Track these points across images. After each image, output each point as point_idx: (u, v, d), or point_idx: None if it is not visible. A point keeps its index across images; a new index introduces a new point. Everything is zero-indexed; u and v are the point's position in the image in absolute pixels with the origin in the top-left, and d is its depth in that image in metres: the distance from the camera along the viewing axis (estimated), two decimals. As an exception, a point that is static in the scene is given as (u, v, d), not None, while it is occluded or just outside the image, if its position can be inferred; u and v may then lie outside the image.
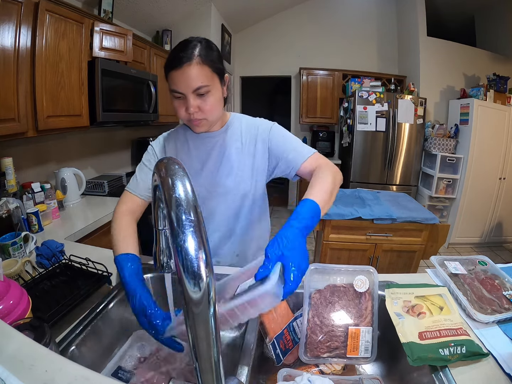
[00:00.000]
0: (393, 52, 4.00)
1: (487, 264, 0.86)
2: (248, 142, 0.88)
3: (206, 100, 0.74)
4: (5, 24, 1.20)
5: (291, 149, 0.84)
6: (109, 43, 1.83)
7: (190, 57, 0.70)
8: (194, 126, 0.79)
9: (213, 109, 0.77)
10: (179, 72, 0.71)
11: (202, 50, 0.72)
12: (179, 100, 0.75)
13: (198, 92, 0.73)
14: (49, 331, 0.49)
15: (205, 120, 0.78)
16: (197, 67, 0.71)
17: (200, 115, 0.76)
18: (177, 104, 0.76)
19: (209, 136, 0.88)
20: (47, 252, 0.96)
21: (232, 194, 0.88)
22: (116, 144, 2.61)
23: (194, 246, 0.29)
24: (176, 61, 0.71)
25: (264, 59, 4.14)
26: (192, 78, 0.71)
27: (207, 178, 0.89)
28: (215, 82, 0.75)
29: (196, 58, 0.71)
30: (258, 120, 0.91)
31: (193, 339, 0.30)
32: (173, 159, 0.38)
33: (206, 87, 0.73)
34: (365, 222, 1.78)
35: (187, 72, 0.70)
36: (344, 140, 3.61)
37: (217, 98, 0.77)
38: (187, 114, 0.75)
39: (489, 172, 3.10)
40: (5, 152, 1.47)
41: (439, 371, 0.57)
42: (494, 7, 3.44)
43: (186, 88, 0.72)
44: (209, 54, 0.74)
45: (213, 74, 0.75)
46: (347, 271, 0.73)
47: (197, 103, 0.74)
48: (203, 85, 0.72)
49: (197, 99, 0.74)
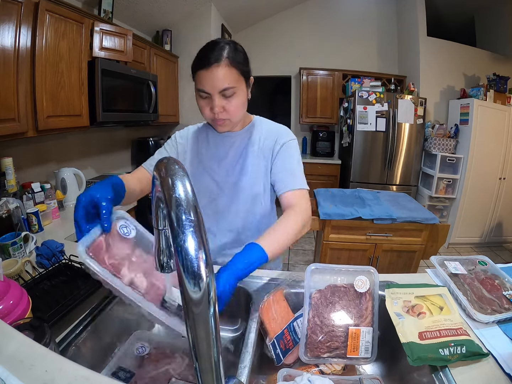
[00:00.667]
0: (393, 52, 4.00)
1: (487, 264, 0.86)
2: (264, 148, 0.89)
3: (231, 101, 0.76)
4: (5, 24, 1.20)
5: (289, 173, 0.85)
6: (109, 43, 1.83)
7: (219, 58, 0.72)
8: (217, 125, 0.81)
9: (237, 111, 0.79)
10: (207, 72, 0.72)
11: (231, 52, 0.74)
12: (204, 99, 0.76)
13: (224, 93, 0.74)
14: (49, 331, 0.49)
15: (228, 120, 0.79)
16: (225, 68, 0.72)
17: (224, 115, 0.77)
18: (202, 103, 0.77)
19: (229, 136, 0.89)
20: (47, 252, 0.96)
21: (245, 194, 0.89)
22: (116, 144, 2.61)
23: (194, 246, 0.29)
24: (205, 61, 0.72)
25: (264, 59, 4.14)
26: (219, 79, 0.72)
27: (221, 176, 0.90)
28: (241, 84, 0.77)
29: (225, 59, 0.72)
30: (280, 128, 0.92)
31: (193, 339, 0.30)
32: (173, 159, 0.38)
33: (232, 89, 0.74)
34: (365, 222, 1.78)
35: (215, 73, 0.72)
36: (344, 140, 3.61)
37: (242, 100, 0.79)
38: (211, 113, 0.77)
39: (489, 172, 3.10)
40: (5, 152, 1.47)
41: (439, 371, 0.57)
42: (494, 7, 3.44)
43: (212, 88, 0.73)
44: (237, 56, 0.75)
45: (240, 77, 0.76)
46: (347, 271, 0.73)
47: (222, 103, 0.75)
48: (230, 86, 0.74)
49: (222, 100, 0.75)
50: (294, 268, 2.78)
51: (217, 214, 0.92)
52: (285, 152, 0.88)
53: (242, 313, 0.84)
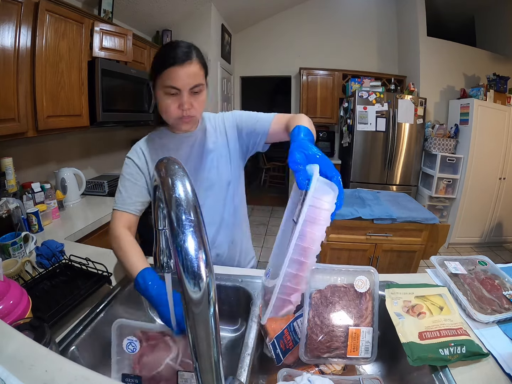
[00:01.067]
0: (393, 52, 4.00)
1: (487, 264, 0.86)
2: (220, 134, 0.93)
3: (198, 98, 0.79)
4: (5, 24, 1.20)
5: (255, 120, 0.90)
6: (109, 43, 1.83)
7: (191, 56, 0.75)
8: (183, 123, 0.82)
9: (202, 107, 0.82)
10: (179, 69, 0.73)
11: (197, 52, 0.78)
12: (171, 96, 0.77)
13: (194, 90, 0.77)
14: (49, 331, 0.49)
15: (194, 117, 0.82)
16: (197, 66, 0.76)
17: (192, 112, 0.79)
18: (168, 101, 0.77)
19: (188, 136, 0.90)
20: (47, 252, 0.96)
21: (218, 186, 0.92)
22: (116, 144, 2.61)
23: (194, 246, 0.29)
24: (177, 58, 0.73)
25: (264, 59, 4.14)
26: (192, 76, 0.75)
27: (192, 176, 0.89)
28: (205, 83, 0.81)
29: (195, 58, 0.75)
30: (220, 113, 0.97)
31: (193, 339, 0.30)
32: (173, 159, 0.38)
33: (201, 86, 0.78)
34: (365, 222, 1.78)
35: (188, 70, 0.74)
36: (344, 140, 3.61)
37: (205, 98, 0.82)
38: (179, 110, 0.78)
39: (489, 172, 3.10)
40: (5, 152, 1.47)
41: (439, 371, 0.57)
42: (494, 7, 3.44)
43: (185, 84, 0.74)
44: (202, 57, 0.79)
45: (204, 76, 0.80)
46: (347, 271, 0.73)
47: (191, 100, 0.77)
48: (200, 83, 0.77)
49: (191, 97, 0.77)
50: (294, 268, 2.78)
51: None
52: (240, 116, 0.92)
53: (242, 313, 0.84)
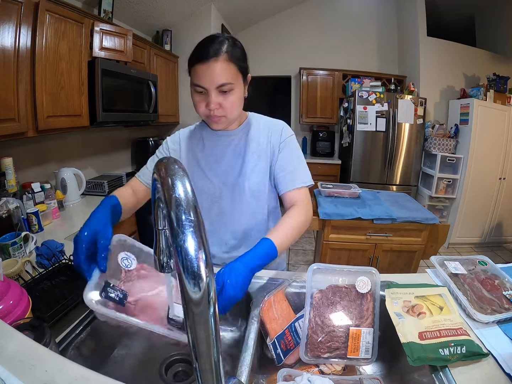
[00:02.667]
0: (393, 52, 4.00)
1: (487, 264, 0.86)
2: (265, 144, 0.87)
3: (228, 97, 0.73)
4: (5, 24, 1.19)
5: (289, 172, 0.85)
6: (109, 43, 1.83)
7: (218, 52, 0.70)
8: (212, 122, 0.78)
9: (234, 108, 0.76)
10: (204, 66, 0.70)
11: (229, 47, 0.71)
12: (200, 95, 0.74)
13: (222, 89, 0.72)
14: (49, 331, 0.49)
15: (224, 117, 0.77)
16: (224, 63, 0.70)
17: (221, 112, 0.75)
18: (197, 99, 0.75)
19: (225, 135, 0.87)
20: (47, 252, 0.96)
21: (248, 194, 0.87)
22: (116, 144, 2.61)
23: (194, 246, 0.29)
24: (203, 55, 0.70)
25: (264, 59, 4.13)
26: (217, 74, 0.70)
27: (221, 177, 0.88)
28: (238, 80, 0.75)
29: (224, 54, 0.70)
30: (277, 123, 0.90)
31: (193, 339, 0.30)
32: (173, 159, 0.38)
33: (230, 85, 0.72)
34: (365, 222, 1.78)
35: (213, 67, 0.69)
36: (344, 140, 3.61)
37: (239, 97, 0.77)
38: (206, 109, 0.74)
39: (489, 172, 3.10)
40: (5, 152, 1.47)
41: (439, 371, 0.57)
42: (494, 7, 3.44)
43: (210, 83, 0.71)
44: (236, 51, 0.73)
45: (238, 73, 0.74)
46: (349, 271, 0.72)
47: (219, 99, 0.73)
48: (228, 82, 0.71)
49: (219, 96, 0.73)
50: (294, 268, 2.78)
51: (221, 217, 0.90)
52: (285, 150, 0.86)
53: (242, 313, 0.84)
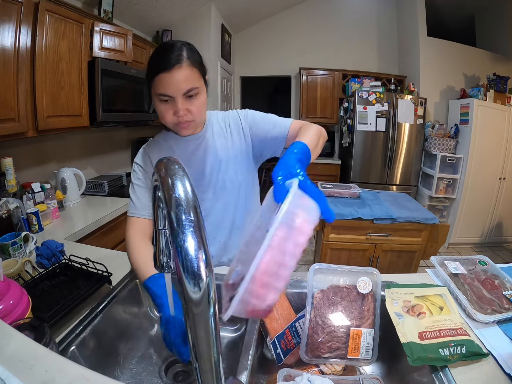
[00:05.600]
0: (393, 52, 3.99)
1: (487, 264, 0.86)
2: (230, 135, 0.89)
3: (194, 102, 0.74)
4: (5, 24, 1.19)
5: (271, 127, 0.85)
6: (109, 43, 1.83)
7: (180, 59, 0.69)
8: (181, 129, 0.78)
9: (201, 111, 0.77)
10: (168, 75, 0.69)
11: (189, 53, 0.72)
12: (165, 104, 0.73)
13: (188, 95, 0.72)
14: (49, 331, 0.49)
15: (193, 122, 0.77)
16: (187, 69, 0.70)
17: (189, 117, 0.75)
18: (163, 108, 0.74)
19: (193, 139, 0.87)
20: (47, 252, 0.96)
21: (227, 188, 0.89)
22: (116, 144, 2.61)
23: (194, 246, 0.29)
24: (165, 64, 0.69)
25: (264, 59, 4.13)
26: (182, 81, 0.70)
27: (198, 179, 0.88)
28: (201, 83, 0.76)
29: (186, 60, 0.70)
30: (231, 112, 0.93)
31: (193, 339, 0.30)
32: (173, 158, 0.38)
33: (195, 89, 0.73)
34: (365, 222, 1.78)
35: (177, 75, 0.69)
36: (344, 140, 3.61)
37: (204, 100, 0.78)
38: (175, 117, 0.74)
39: (489, 172, 3.10)
40: (5, 152, 1.46)
41: (439, 371, 0.57)
42: (494, 7, 3.44)
43: (176, 91, 0.70)
44: (195, 56, 0.74)
45: (200, 76, 0.75)
46: (350, 272, 0.73)
47: (186, 105, 0.73)
48: (194, 87, 0.72)
49: (185, 102, 0.73)
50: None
51: (207, 216, 0.91)
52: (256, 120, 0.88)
53: (242, 313, 0.84)
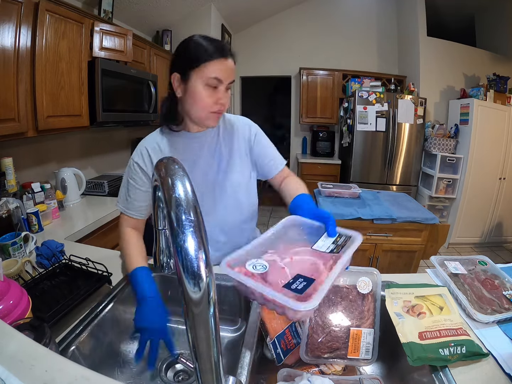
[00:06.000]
0: (393, 52, 3.99)
1: (487, 264, 0.86)
2: (236, 138, 0.91)
3: (228, 95, 0.78)
4: (5, 24, 1.19)
5: (271, 157, 0.93)
6: (109, 43, 1.82)
7: (231, 51, 0.76)
8: (215, 119, 0.79)
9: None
10: (224, 62, 0.73)
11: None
12: (210, 89, 0.74)
13: (228, 86, 0.76)
14: (49, 331, 0.49)
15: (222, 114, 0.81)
16: (233, 63, 0.76)
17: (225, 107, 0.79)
18: (206, 93, 0.74)
19: (197, 136, 0.87)
20: (47, 252, 0.96)
21: (228, 188, 0.89)
22: (116, 144, 2.61)
23: (194, 246, 0.29)
24: (223, 52, 0.73)
25: (264, 59, 4.13)
26: (232, 70, 0.75)
27: (200, 178, 0.88)
28: None
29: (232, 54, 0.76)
30: (240, 118, 0.95)
31: (193, 339, 0.30)
32: (173, 158, 0.38)
33: (233, 83, 0.77)
34: (365, 222, 1.77)
35: (230, 64, 0.74)
36: (344, 140, 3.60)
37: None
38: (215, 105, 0.76)
39: (489, 172, 3.10)
40: (5, 152, 1.46)
41: (439, 371, 0.57)
42: (494, 7, 3.44)
43: (227, 78, 0.74)
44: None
45: None
46: (350, 272, 0.73)
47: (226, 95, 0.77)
48: (233, 80, 0.77)
49: (225, 92, 0.77)
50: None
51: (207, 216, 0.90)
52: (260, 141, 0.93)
53: (242, 313, 0.84)
